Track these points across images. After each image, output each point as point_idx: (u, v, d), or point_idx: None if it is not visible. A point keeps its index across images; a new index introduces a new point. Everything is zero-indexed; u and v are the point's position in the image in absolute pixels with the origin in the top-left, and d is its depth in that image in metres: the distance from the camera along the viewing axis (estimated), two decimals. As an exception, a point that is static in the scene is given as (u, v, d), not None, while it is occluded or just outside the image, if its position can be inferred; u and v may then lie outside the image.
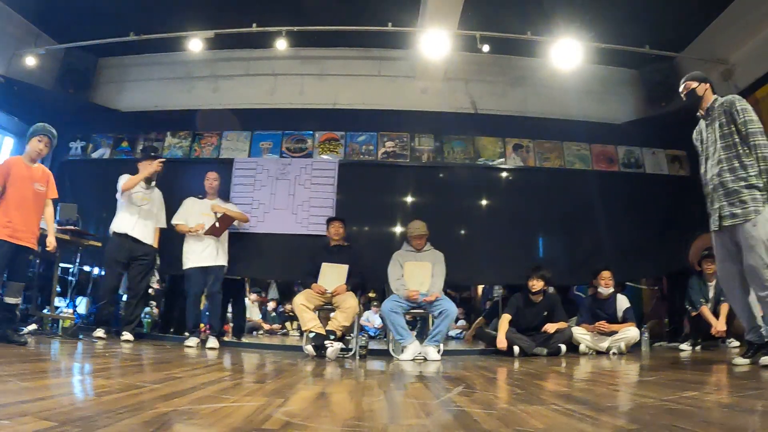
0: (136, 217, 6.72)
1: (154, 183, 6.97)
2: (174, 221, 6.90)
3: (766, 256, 4.05)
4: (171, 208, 7.13)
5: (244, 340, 7.99)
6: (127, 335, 6.46)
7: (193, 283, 6.72)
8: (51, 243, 5.40)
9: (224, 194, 7.32)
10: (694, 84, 4.61)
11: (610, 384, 3.42)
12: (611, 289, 6.73)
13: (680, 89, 4.73)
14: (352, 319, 6.19)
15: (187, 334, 6.79)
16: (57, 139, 5.54)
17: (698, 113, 4.70)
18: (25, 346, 4.63)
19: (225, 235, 6.99)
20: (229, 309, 8.45)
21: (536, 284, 6.59)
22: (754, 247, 4.09)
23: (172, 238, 7.13)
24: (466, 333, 10.60)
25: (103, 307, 6.64)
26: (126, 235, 6.64)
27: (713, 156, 4.44)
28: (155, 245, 6.94)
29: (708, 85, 4.63)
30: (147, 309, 8.53)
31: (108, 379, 2.96)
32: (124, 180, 6.70)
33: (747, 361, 4.29)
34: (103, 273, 7.10)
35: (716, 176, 4.37)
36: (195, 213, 6.86)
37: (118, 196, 6.73)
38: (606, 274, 6.76)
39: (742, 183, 4.20)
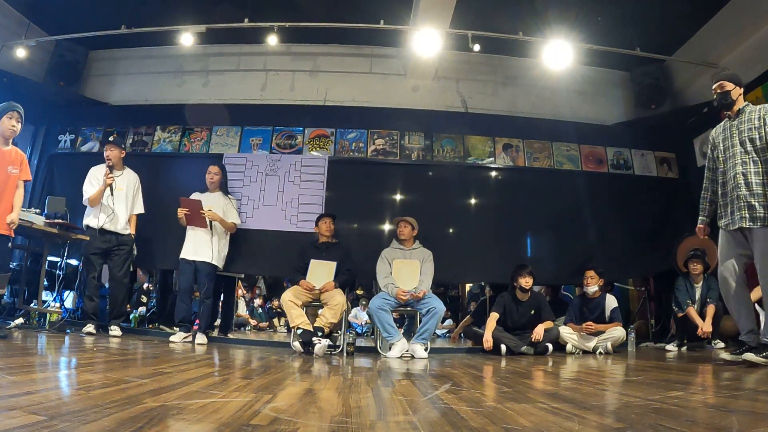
0: (110, 208, 6.55)
1: (120, 173, 6.79)
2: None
3: None
4: (161, 204, 7.13)
5: (231, 336, 7.96)
6: (115, 330, 6.46)
7: (183, 275, 6.74)
8: (11, 219, 5.02)
9: (222, 188, 7.19)
10: (730, 86, 4.58)
11: (596, 383, 3.43)
12: (595, 288, 6.75)
13: (714, 86, 4.67)
14: (340, 316, 6.19)
15: (175, 329, 6.80)
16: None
17: (726, 113, 4.69)
18: (5, 339, 4.59)
19: (224, 234, 6.99)
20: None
21: (528, 281, 6.59)
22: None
23: (154, 232, 7.15)
24: (453, 332, 10.63)
25: (86, 300, 6.59)
26: (98, 229, 6.52)
27: (739, 155, 4.46)
28: (132, 232, 6.81)
29: (742, 90, 4.63)
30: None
31: (96, 374, 2.95)
32: (88, 190, 6.59)
33: (731, 357, 4.43)
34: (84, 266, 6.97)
35: (741, 175, 4.40)
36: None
37: (84, 194, 6.65)
38: (589, 273, 6.79)
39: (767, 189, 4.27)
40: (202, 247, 6.73)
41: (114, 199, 6.57)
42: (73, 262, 7.77)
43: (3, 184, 4.98)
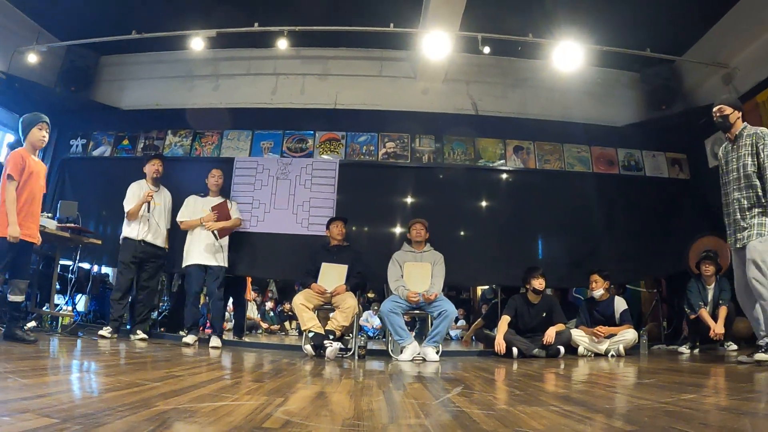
0: (147, 221, 6.79)
1: (158, 189, 7.03)
2: (178, 219, 6.93)
3: (758, 273, 4.52)
4: (173, 208, 7.19)
5: (244, 339, 7.99)
6: (141, 334, 6.59)
7: (193, 280, 6.74)
8: (38, 237, 5.19)
9: (224, 192, 7.31)
10: (729, 110, 4.94)
11: (608, 386, 3.42)
12: (601, 291, 6.73)
13: (713, 110, 5.03)
14: (352, 319, 6.19)
15: (184, 332, 6.83)
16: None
17: (726, 136, 5.03)
18: (34, 344, 4.63)
19: (227, 239, 7.00)
20: (229, 307, 8.50)
21: (542, 283, 6.58)
22: (752, 262, 4.56)
23: (174, 237, 7.18)
24: (464, 334, 10.62)
25: (114, 307, 6.68)
26: (139, 241, 6.74)
27: (735, 179, 4.85)
28: (166, 246, 7.04)
29: (740, 113, 4.97)
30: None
31: (108, 377, 2.97)
32: (129, 204, 6.76)
33: (752, 359, 4.63)
34: (114, 275, 7.11)
35: (736, 201, 4.81)
36: (198, 211, 6.88)
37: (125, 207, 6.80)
38: (593, 276, 6.78)
39: (756, 209, 4.67)
40: (210, 251, 6.76)
41: (154, 215, 6.85)
42: (85, 265, 7.80)
43: (38, 196, 5.07)
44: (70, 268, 7.17)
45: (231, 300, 8.43)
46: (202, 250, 6.74)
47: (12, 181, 4.81)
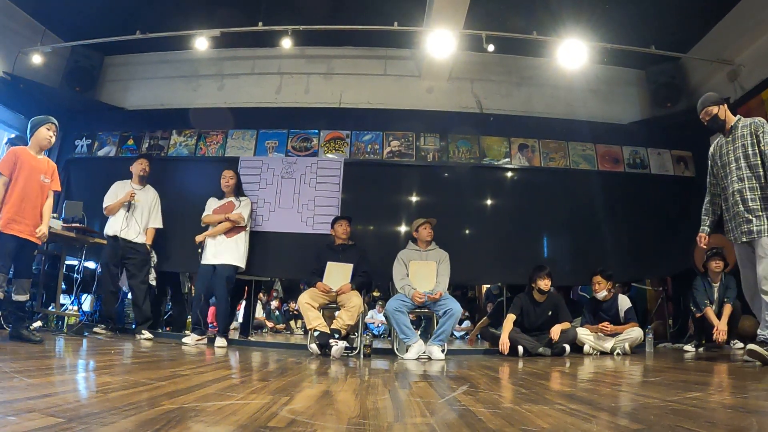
0: (125, 219, 6.91)
1: (142, 188, 7.19)
2: (203, 218, 6.99)
3: None
4: (177, 207, 7.22)
5: (250, 338, 8.00)
6: (146, 333, 6.66)
7: (201, 280, 6.80)
8: (41, 231, 5.06)
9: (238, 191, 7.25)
10: (715, 109, 4.89)
11: (614, 384, 3.41)
12: (604, 292, 6.72)
13: (701, 116, 5.00)
14: (357, 318, 6.19)
15: (187, 332, 6.86)
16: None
17: (724, 133, 4.96)
18: (40, 344, 4.64)
19: (243, 236, 7.00)
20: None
21: (547, 283, 6.56)
22: (765, 258, 4.43)
23: (169, 235, 7.35)
24: (470, 333, 10.61)
25: (103, 305, 6.93)
26: (116, 237, 6.86)
27: (735, 172, 4.74)
28: (148, 243, 7.08)
29: (725, 105, 4.92)
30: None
31: (114, 376, 2.97)
32: (107, 201, 7.02)
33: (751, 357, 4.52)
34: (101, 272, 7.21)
35: (737, 192, 4.69)
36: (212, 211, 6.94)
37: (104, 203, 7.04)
38: (596, 278, 6.77)
39: (761, 202, 4.56)
40: (221, 250, 6.78)
41: (135, 213, 6.98)
42: (91, 265, 7.82)
43: (35, 193, 5.06)
44: (76, 267, 7.18)
45: (243, 300, 8.46)
46: (214, 249, 6.77)
47: (0, 176, 4.87)
